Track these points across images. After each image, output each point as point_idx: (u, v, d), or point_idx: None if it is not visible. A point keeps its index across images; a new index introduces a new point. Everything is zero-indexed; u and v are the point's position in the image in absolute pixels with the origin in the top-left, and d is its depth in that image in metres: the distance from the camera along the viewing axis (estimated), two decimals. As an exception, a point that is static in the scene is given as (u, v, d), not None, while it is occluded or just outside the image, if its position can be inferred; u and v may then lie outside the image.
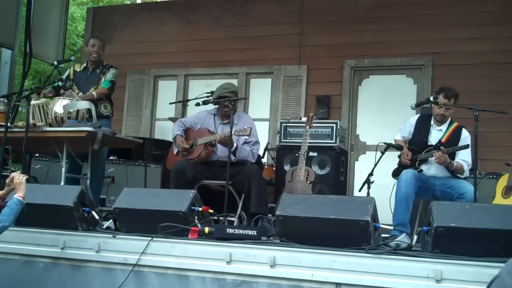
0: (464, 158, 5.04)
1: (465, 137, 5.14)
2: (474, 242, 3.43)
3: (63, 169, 5.49)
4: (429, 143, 5.19)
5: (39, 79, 7.19)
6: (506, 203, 4.79)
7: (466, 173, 5.11)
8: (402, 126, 5.52)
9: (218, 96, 5.66)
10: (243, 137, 5.37)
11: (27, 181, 3.84)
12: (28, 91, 5.85)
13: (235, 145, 5.36)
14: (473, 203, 4.36)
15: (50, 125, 5.50)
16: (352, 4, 8.18)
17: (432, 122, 5.27)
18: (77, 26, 18.10)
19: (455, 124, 5.24)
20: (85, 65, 6.24)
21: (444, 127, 5.23)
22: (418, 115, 5.62)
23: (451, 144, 5.07)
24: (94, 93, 5.91)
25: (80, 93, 6.00)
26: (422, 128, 5.29)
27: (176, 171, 5.41)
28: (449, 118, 5.25)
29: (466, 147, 4.97)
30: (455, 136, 5.16)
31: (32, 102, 5.49)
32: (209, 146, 5.50)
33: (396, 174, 5.23)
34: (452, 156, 5.03)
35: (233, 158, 5.31)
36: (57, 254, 4.19)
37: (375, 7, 8.06)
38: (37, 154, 7.20)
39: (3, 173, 6.36)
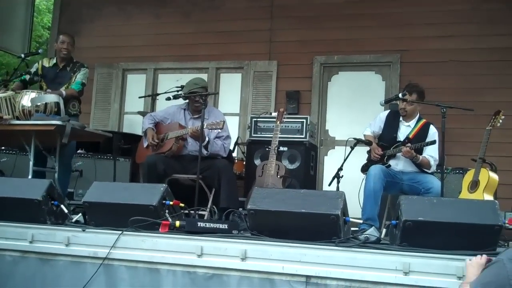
0: (431, 153, 5.15)
1: (433, 133, 5.24)
2: (441, 235, 3.50)
3: (31, 163, 5.41)
4: (398, 139, 5.28)
5: (5, 71, 7.07)
6: (471, 197, 4.90)
7: (433, 168, 5.22)
8: (372, 121, 5.59)
9: (189, 91, 5.64)
10: (215, 131, 5.38)
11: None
12: (-6, 83, 5.77)
13: (207, 139, 5.36)
14: (440, 197, 4.45)
15: (18, 118, 5.42)
16: (322, 1, 8.22)
17: (401, 118, 5.36)
18: (43, 18, 17.86)
19: (423, 121, 5.34)
20: (54, 61, 6.14)
21: (412, 123, 5.32)
22: (388, 110, 5.69)
23: (418, 139, 5.16)
24: (63, 91, 5.82)
25: (49, 90, 5.93)
26: (391, 123, 5.38)
27: (147, 165, 5.38)
28: (418, 115, 5.35)
29: (432, 143, 5.07)
30: (422, 132, 5.26)
31: (-1, 95, 5.41)
32: (180, 140, 5.49)
33: (364, 169, 5.31)
34: (420, 151, 5.13)
35: (205, 152, 5.31)
36: (26, 247, 4.13)
37: (345, 4, 8.12)
38: (3, 147, 7.09)
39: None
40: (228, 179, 5.28)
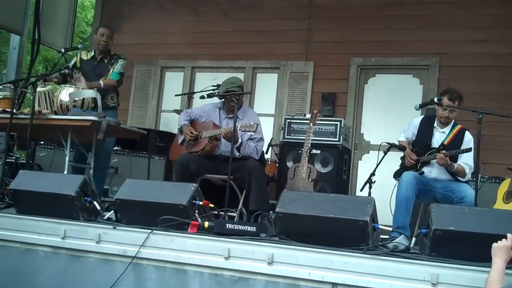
0: (466, 161, 5.03)
1: (468, 140, 5.13)
2: (472, 246, 3.43)
3: (67, 158, 5.49)
4: (432, 146, 5.18)
5: (45, 66, 7.25)
6: (506, 208, 4.80)
7: (468, 176, 5.10)
8: (406, 127, 5.51)
9: (225, 90, 5.65)
10: (248, 133, 5.38)
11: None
12: (34, 77, 5.87)
13: (240, 140, 5.38)
14: (472, 207, 4.36)
15: (56, 113, 5.52)
16: (360, 2, 8.15)
17: (435, 124, 5.25)
18: (87, 14, 18.15)
19: (458, 127, 5.23)
20: (92, 53, 6.24)
21: (447, 129, 5.22)
22: (422, 116, 5.61)
23: (453, 146, 5.06)
24: (101, 82, 5.91)
25: (87, 82, 6.02)
26: (425, 130, 5.28)
27: (180, 164, 5.42)
28: (453, 120, 5.24)
29: (468, 150, 4.96)
30: (458, 138, 5.15)
31: (38, 89, 5.51)
32: (213, 140, 5.51)
33: (397, 175, 5.23)
34: (455, 159, 5.03)
35: (237, 153, 5.32)
36: (58, 243, 4.20)
37: (383, 6, 8.04)
38: (42, 142, 7.23)
39: (8, 160, 6.42)
40: (258, 181, 5.26)
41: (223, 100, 5.82)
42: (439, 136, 5.21)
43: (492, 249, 2.97)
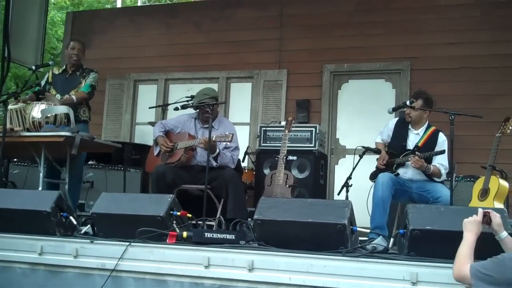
0: (441, 162, 5.10)
1: (442, 141, 5.20)
2: (449, 244, 3.44)
3: (41, 174, 5.43)
4: (407, 147, 5.24)
5: (16, 83, 7.17)
6: (481, 205, 4.84)
7: (443, 177, 5.17)
8: (382, 129, 5.57)
9: (199, 102, 5.65)
10: (223, 143, 5.38)
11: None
12: (5, 95, 5.81)
13: (217, 151, 5.37)
14: (448, 206, 4.41)
15: (28, 130, 5.45)
16: (331, 10, 8.22)
17: (409, 126, 5.33)
18: (58, 30, 17.99)
19: (432, 128, 5.30)
20: (64, 67, 6.21)
21: (421, 131, 5.29)
22: (397, 118, 5.66)
23: (428, 148, 5.12)
24: (74, 97, 5.86)
25: (58, 95, 5.96)
26: (400, 132, 5.35)
27: (156, 175, 5.39)
28: (426, 122, 5.32)
29: (442, 152, 5.02)
30: (432, 140, 5.22)
31: (10, 106, 5.45)
32: (189, 151, 5.50)
33: (373, 177, 5.28)
34: (429, 160, 5.08)
35: (214, 163, 5.32)
36: (35, 259, 4.17)
37: (354, 12, 8.11)
38: (15, 159, 7.14)
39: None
40: (235, 189, 5.26)
41: (198, 110, 5.81)
42: (414, 138, 5.28)
43: (463, 224, 3.01)
